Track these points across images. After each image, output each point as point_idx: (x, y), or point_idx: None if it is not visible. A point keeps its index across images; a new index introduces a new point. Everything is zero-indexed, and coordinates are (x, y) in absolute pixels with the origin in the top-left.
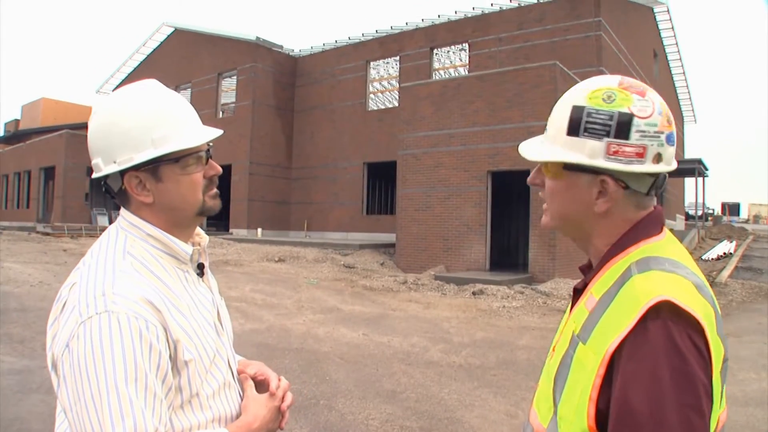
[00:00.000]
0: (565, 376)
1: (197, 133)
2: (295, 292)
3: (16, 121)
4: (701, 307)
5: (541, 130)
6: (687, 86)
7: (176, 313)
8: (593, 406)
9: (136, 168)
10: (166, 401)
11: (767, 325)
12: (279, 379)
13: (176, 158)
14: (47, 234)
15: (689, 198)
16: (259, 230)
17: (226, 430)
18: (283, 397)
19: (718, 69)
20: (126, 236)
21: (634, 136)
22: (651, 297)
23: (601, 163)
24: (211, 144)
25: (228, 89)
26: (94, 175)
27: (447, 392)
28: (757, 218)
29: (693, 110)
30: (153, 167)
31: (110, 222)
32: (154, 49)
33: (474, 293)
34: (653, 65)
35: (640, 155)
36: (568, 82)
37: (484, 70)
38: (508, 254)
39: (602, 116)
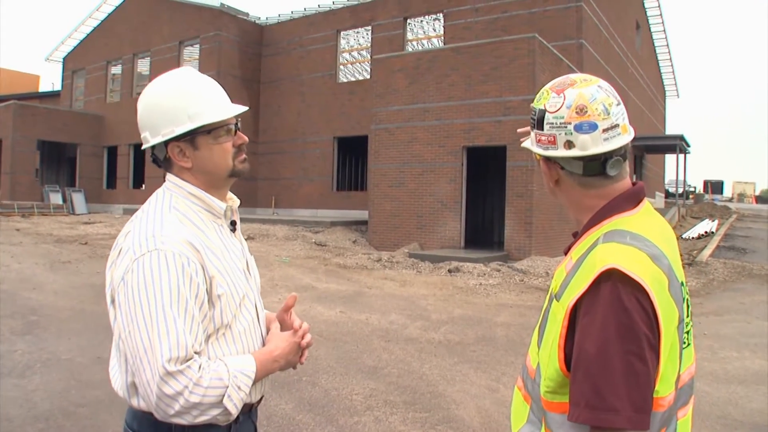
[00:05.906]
0: (544, 327)
1: (224, 109)
2: (268, 270)
3: None
4: (650, 274)
5: (519, 105)
6: (670, 59)
7: (211, 256)
8: (562, 351)
9: (177, 139)
10: (203, 325)
11: (750, 304)
12: (302, 322)
13: (209, 130)
14: None
15: (670, 175)
16: None
17: (252, 356)
18: (303, 336)
19: (704, 42)
20: (171, 195)
21: (546, 127)
22: (603, 264)
23: (534, 148)
24: (239, 118)
25: (190, 59)
26: (144, 146)
27: (428, 368)
28: (741, 197)
29: (676, 84)
30: (191, 138)
31: (64, 200)
32: (109, 14)
33: (450, 271)
34: (635, 37)
35: (552, 142)
36: (546, 56)
37: (459, 42)
38: (483, 232)
39: (534, 113)
